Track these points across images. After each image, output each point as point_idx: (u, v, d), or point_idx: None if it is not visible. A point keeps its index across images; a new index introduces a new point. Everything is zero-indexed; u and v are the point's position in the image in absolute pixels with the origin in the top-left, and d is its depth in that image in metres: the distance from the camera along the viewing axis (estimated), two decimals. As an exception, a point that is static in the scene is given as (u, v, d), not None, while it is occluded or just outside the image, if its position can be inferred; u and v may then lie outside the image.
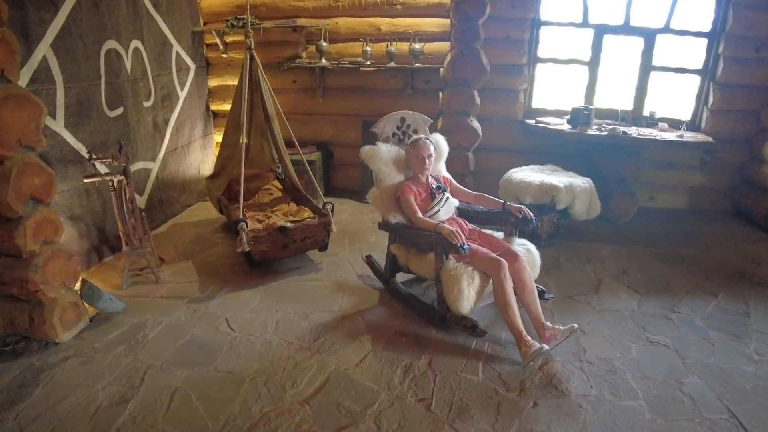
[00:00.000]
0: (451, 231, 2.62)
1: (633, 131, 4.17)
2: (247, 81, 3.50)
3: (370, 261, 3.37)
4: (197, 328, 2.85)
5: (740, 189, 4.69)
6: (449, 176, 3.28)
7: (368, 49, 4.45)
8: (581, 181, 3.80)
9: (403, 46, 4.46)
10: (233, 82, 4.85)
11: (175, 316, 2.96)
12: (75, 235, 3.26)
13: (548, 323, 2.67)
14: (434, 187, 3.02)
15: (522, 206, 2.94)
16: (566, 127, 4.29)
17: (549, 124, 4.37)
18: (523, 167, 4.08)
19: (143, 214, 3.30)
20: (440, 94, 4.46)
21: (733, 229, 4.45)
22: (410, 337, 2.80)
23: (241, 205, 3.23)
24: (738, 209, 4.73)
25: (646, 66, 4.49)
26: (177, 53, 4.27)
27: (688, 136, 4.26)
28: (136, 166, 3.83)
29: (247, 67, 3.45)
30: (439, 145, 3.22)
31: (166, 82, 4.16)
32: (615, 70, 4.68)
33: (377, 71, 4.64)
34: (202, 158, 4.78)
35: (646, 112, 4.60)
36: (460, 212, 3.25)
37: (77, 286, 2.82)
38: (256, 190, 3.94)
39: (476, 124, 4.32)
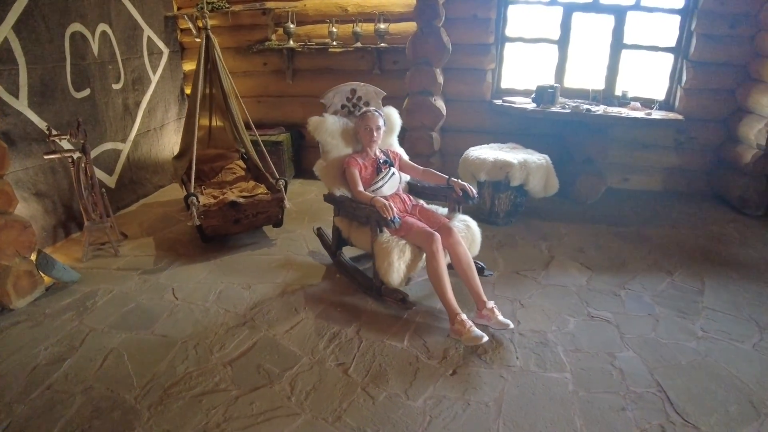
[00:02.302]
0: (383, 204, 2.64)
1: (598, 109, 4.12)
2: (204, 62, 3.58)
3: (320, 233, 3.43)
4: (144, 296, 2.98)
5: (716, 170, 4.59)
6: (401, 151, 3.28)
7: (334, 30, 4.50)
8: (537, 158, 3.78)
9: (369, 27, 4.49)
10: (208, 66, 4.96)
11: (126, 285, 3.09)
12: (41, 211, 3.41)
13: (491, 304, 2.63)
14: (381, 161, 3.03)
15: (465, 183, 2.93)
16: (530, 105, 4.26)
17: (514, 103, 4.35)
18: (482, 145, 4.08)
19: (103, 190, 3.43)
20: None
21: (706, 211, 4.37)
22: (345, 308, 2.86)
23: (192, 180, 3.34)
24: (715, 191, 4.63)
25: (617, 44, 4.42)
26: (148, 37, 4.39)
27: (657, 114, 4.19)
28: (105, 147, 3.97)
29: (203, 48, 3.53)
30: (390, 118, 3.23)
31: (137, 66, 4.29)
32: (585, 49, 4.60)
33: (345, 52, 4.68)
34: (177, 141, 4.89)
35: (618, 92, 4.53)
36: (411, 188, 3.27)
37: (33, 256, 2.97)
38: (219, 169, 4.05)
39: (440, 104, 4.33)
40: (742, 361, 2.44)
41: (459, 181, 2.94)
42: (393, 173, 3.01)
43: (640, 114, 4.13)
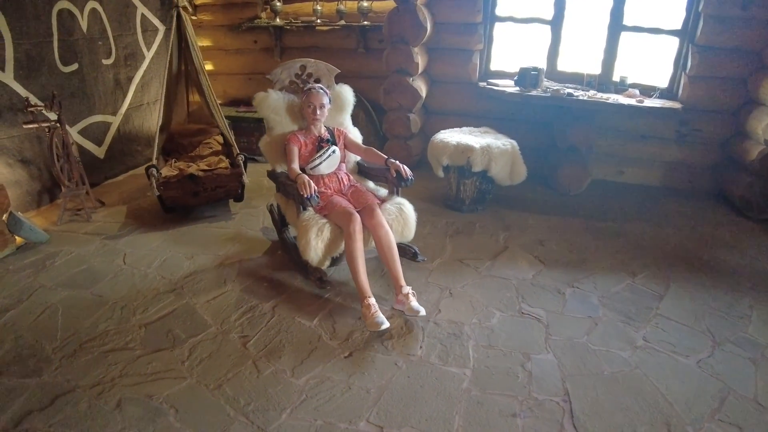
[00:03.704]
0: (303, 181, 2.64)
1: (581, 94, 3.86)
2: (177, 40, 3.70)
3: (271, 210, 3.47)
4: (97, 259, 3.19)
5: (722, 167, 4.19)
6: (350, 130, 3.23)
7: (318, 8, 4.50)
8: (502, 143, 3.62)
9: (353, 5, 4.44)
10: (204, 43, 5.12)
11: (86, 249, 3.32)
12: (26, 177, 3.71)
13: (407, 289, 2.60)
14: (323, 139, 2.99)
15: (400, 164, 2.86)
16: (510, 89, 4.06)
17: (497, 85, 4.17)
18: (453, 129, 3.96)
19: (79, 159, 3.68)
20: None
21: (703, 210, 4.02)
22: (272, 283, 2.93)
23: (155, 152, 3.50)
24: (719, 190, 4.24)
25: (616, 26, 4.08)
26: (142, 15, 4.58)
27: (651, 102, 3.87)
28: (94, 119, 4.22)
29: (174, 25, 3.65)
30: (341, 96, 3.19)
31: (130, 42, 4.50)
32: (581, 30, 4.30)
33: (331, 31, 4.67)
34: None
35: (616, 77, 4.21)
36: (360, 169, 3.25)
37: (5, 217, 3.25)
38: (197, 143, 4.20)
39: (418, 84, 4.23)
40: (677, 377, 2.23)
41: (395, 162, 2.88)
42: (333, 151, 2.96)
43: (630, 101, 3.83)
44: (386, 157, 2.95)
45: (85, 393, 2.13)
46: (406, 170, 2.83)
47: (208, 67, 5.18)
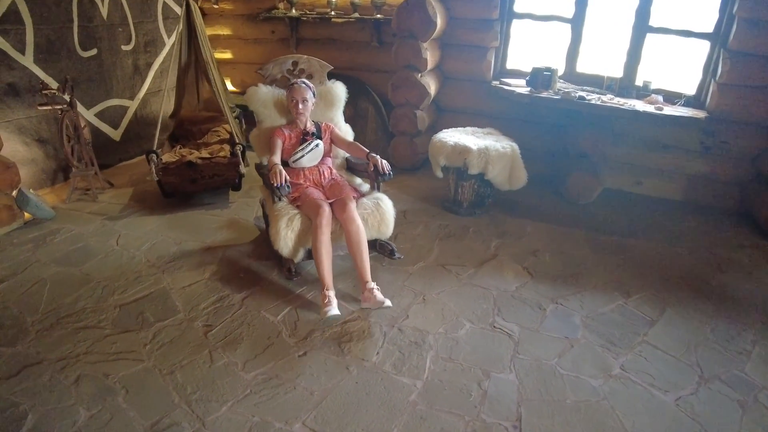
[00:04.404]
0: (275, 171, 2.67)
1: (594, 98, 3.64)
2: (187, 29, 3.78)
3: (263, 204, 3.53)
4: (93, 239, 3.33)
5: (751, 184, 3.84)
6: (340, 127, 3.22)
7: (333, -1, 4.47)
8: (501, 146, 3.47)
9: (367, -3, 4.39)
10: (225, 32, 5.22)
11: (86, 228, 3.47)
12: (42, 155, 3.91)
13: (371, 284, 2.59)
14: (307, 133, 3.00)
15: (378, 158, 2.85)
16: (520, 89, 3.88)
17: (509, 84, 4.00)
18: (457, 128, 3.83)
19: (89, 141, 3.84)
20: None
21: (724, 230, 3.71)
22: (249, 274, 2.96)
23: (156, 138, 3.60)
24: (745, 208, 3.90)
25: (641, 26, 3.80)
26: (164, 2, 4.71)
27: (671, 110, 3.59)
28: (110, 103, 4.40)
29: (183, 13, 3.73)
30: (331, 92, 3.20)
31: (151, 29, 4.64)
32: (603, 30, 4.04)
33: (346, 23, 4.64)
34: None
35: (639, 81, 3.94)
36: (349, 165, 3.24)
37: (14, 193, 3.45)
38: (206, 131, 4.29)
39: (426, 81, 4.12)
40: (648, 414, 2.06)
41: (375, 156, 2.87)
42: (317, 145, 2.96)
43: (647, 108, 3.57)
44: (368, 151, 2.94)
45: (50, 366, 2.24)
46: (384, 164, 2.82)
47: (227, 55, 5.28)
